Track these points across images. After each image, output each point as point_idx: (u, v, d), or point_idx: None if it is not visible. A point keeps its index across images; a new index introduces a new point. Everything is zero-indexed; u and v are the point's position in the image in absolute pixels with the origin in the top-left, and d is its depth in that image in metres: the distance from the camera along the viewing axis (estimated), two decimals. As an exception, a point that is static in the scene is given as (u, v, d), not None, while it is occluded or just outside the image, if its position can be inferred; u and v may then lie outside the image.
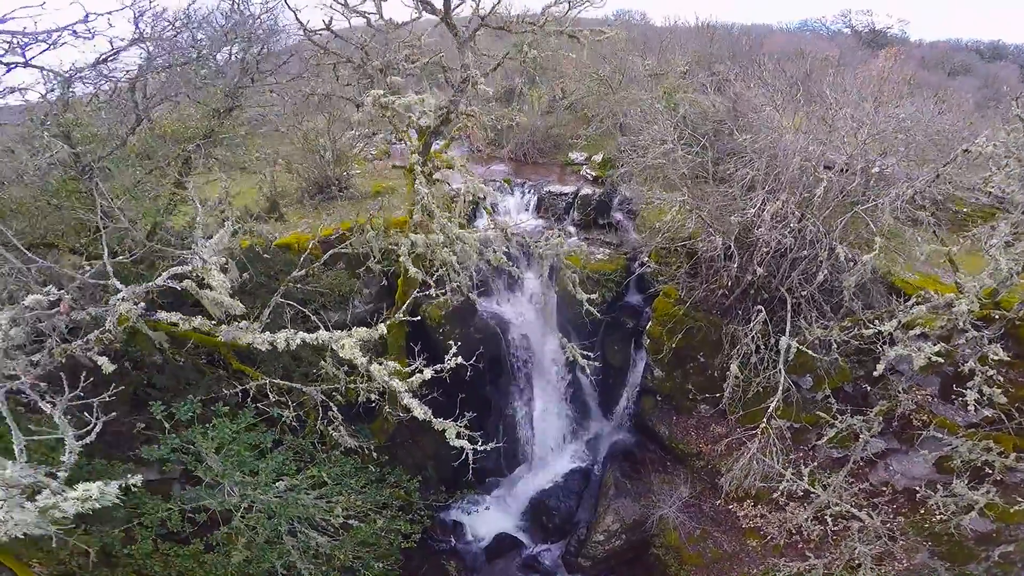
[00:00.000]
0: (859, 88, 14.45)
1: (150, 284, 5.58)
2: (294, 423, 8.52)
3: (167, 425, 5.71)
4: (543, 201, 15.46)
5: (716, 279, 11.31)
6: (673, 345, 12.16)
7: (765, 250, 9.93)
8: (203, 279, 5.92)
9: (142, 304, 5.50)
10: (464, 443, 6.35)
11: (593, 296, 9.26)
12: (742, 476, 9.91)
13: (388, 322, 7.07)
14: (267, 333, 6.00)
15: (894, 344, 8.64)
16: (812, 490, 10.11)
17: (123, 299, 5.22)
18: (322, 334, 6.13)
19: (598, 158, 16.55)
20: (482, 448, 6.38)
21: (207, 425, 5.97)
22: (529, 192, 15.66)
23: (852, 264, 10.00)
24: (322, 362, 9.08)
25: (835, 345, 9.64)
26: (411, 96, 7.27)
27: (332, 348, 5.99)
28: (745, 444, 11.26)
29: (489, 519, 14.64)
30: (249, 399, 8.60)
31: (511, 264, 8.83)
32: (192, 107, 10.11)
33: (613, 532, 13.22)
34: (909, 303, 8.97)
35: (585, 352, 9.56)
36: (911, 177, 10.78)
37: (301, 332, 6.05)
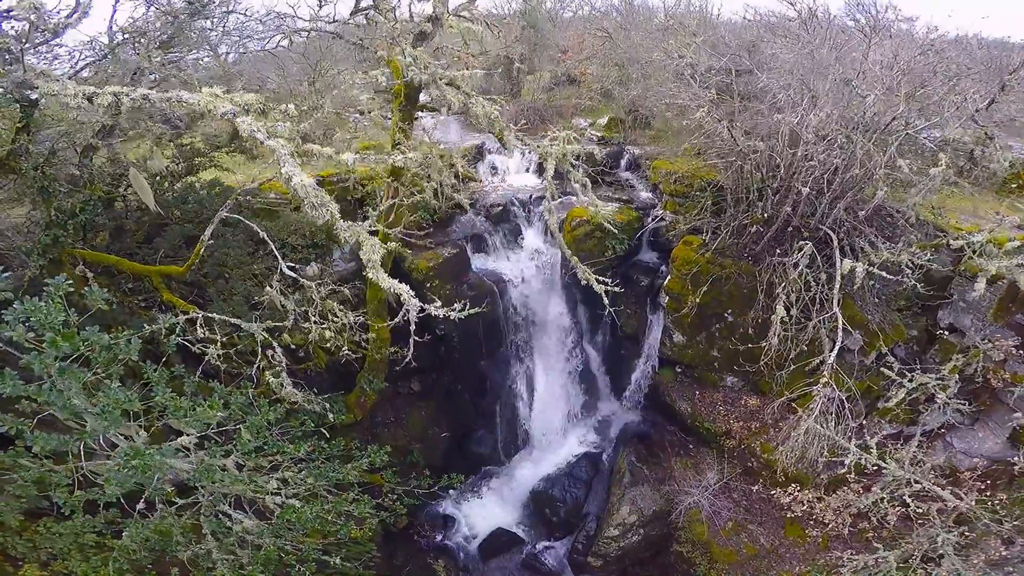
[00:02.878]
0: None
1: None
2: (219, 363, 6.31)
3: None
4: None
5: (748, 213, 9.25)
6: (697, 300, 9.98)
7: (811, 164, 7.90)
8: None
9: None
10: (402, 291, 4.27)
11: (610, 207, 7.18)
12: (800, 450, 7.56)
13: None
14: (89, 87, 3.94)
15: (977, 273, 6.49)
16: (884, 466, 7.75)
17: None
18: (184, 94, 4.05)
19: (603, 121, 14.80)
20: (440, 312, 4.30)
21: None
22: (531, 153, 13.79)
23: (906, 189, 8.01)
24: (268, 288, 6.94)
25: (909, 271, 7.47)
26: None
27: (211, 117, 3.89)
28: (796, 412, 8.97)
29: (484, 512, 12.12)
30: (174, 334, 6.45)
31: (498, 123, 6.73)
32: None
33: (629, 526, 10.71)
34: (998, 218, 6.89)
35: (602, 279, 7.42)
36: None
37: (143, 88, 3.99)
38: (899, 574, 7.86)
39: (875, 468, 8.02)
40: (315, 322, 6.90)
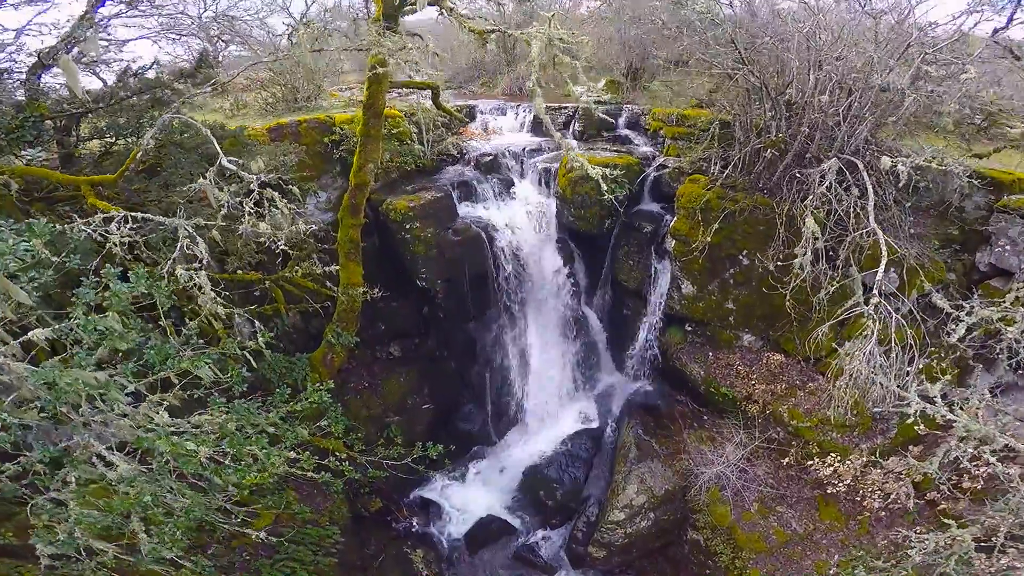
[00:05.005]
0: None
1: None
2: (124, 251, 4.86)
3: None
4: (539, 118, 12.42)
5: (761, 139, 7.90)
6: (707, 239, 8.50)
7: (828, 69, 6.58)
8: None
9: None
10: None
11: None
12: (862, 387, 5.86)
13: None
14: None
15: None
16: (955, 417, 6.01)
17: None
18: None
19: (600, 84, 13.75)
20: None
21: None
22: (524, 112, 12.71)
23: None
24: (201, 179, 5.58)
25: (960, 168, 6.00)
26: None
27: None
28: (825, 373, 7.33)
29: (471, 497, 10.28)
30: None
31: None
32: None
33: (638, 508, 8.84)
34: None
35: (598, 169, 5.98)
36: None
37: None
38: (981, 555, 5.98)
39: (942, 424, 6.28)
40: (250, 212, 5.48)
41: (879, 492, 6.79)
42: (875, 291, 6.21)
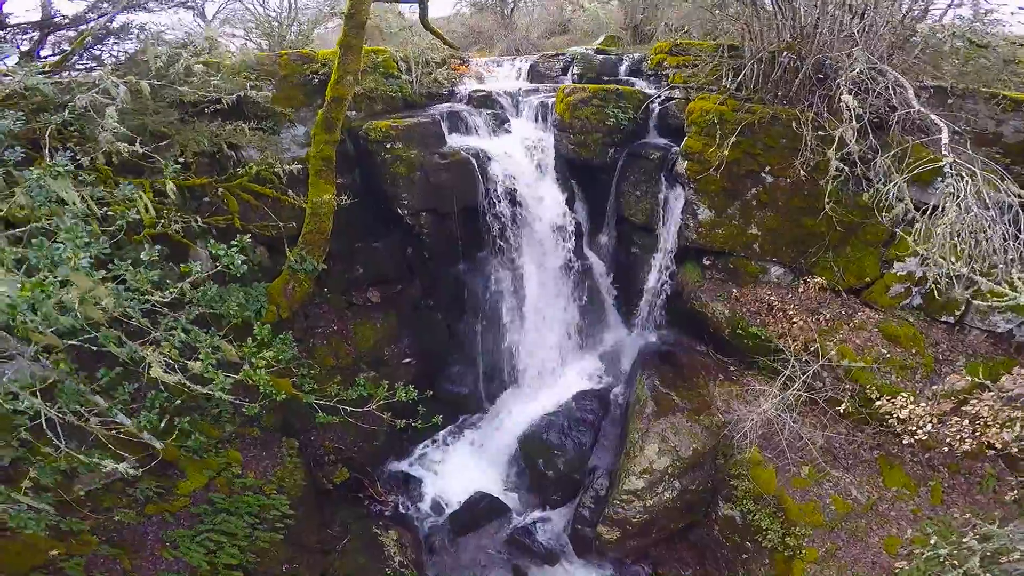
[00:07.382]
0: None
1: None
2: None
3: None
4: (536, 67, 11.77)
5: (776, 44, 6.99)
6: (724, 154, 7.37)
7: None
8: None
9: None
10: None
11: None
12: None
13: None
14: None
15: None
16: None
17: None
18: None
19: (599, 40, 13.22)
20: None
21: None
22: (522, 62, 12.07)
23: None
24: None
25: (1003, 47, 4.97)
26: None
27: None
28: (871, 305, 5.93)
29: (457, 470, 8.59)
30: None
31: None
32: None
33: (660, 473, 7.15)
34: None
35: None
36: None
37: None
38: None
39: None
40: (189, 55, 4.43)
41: (990, 429, 5.21)
42: (945, 151, 4.99)
